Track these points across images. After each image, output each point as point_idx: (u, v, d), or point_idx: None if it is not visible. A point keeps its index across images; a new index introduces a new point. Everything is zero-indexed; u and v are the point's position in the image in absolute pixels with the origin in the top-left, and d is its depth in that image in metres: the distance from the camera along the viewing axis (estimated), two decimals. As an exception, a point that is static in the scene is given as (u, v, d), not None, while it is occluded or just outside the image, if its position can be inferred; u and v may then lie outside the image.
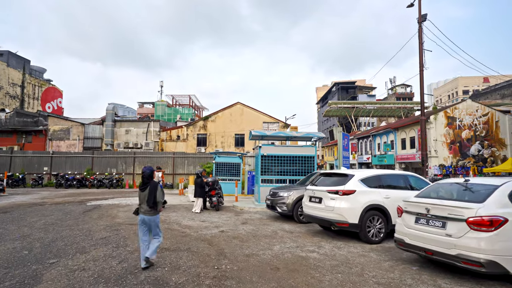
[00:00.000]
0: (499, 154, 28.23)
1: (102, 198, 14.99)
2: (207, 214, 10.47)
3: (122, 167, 23.89)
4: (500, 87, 43.52)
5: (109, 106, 29.42)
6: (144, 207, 4.77)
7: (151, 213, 4.75)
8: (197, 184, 10.72)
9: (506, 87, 42.66)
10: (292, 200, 9.05)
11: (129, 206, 11.93)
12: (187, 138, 30.05)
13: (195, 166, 24.17)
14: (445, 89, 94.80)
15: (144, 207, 4.76)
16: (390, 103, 60.38)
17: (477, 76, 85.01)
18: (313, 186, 7.44)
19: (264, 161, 12.01)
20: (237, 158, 18.20)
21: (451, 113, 28.35)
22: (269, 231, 7.70)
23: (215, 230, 7.66)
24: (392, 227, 6.74)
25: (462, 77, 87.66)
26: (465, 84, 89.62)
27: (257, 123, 30.46)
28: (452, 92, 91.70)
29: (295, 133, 12.39)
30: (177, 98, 56.46)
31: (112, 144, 28.75)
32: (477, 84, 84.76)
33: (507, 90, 41.93)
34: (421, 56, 12.72)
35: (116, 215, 9.78)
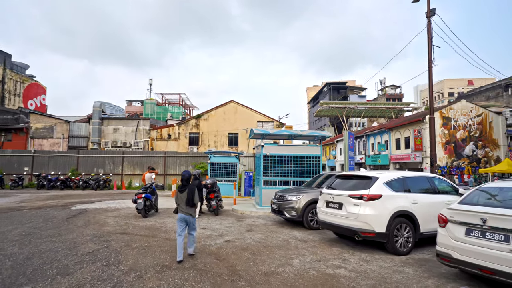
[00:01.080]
0: (492, 155, 28.26)
1: (88, 201, 13.84)
2: (206, 219, 9.56)
3: (110, 167, 22.63)
4: (485, 89, 44.30)
5: (96, 103, 28.00)
6: (183, 206, 5.35)
7: (190, 212, 5.38)
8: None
9: (491, 89, 43.43)
10: (301, 205, 8.25)
11: (118, 211, 10.88)
12: (178, 137, 28.92)
13: (187, 166, 23.13)
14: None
15: (183, 207, 5.35)
16: (381, 103, 60.58)
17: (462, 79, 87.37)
18: (330, 190, 6.65)
19: (267, 162, 11.18)
20: (234, 158, 17.32)
21: (446, 113, 28.22)
22: (280, 240, 6.87)
23: (220, 240, 6.77)
24: (420, 236, 6.03)
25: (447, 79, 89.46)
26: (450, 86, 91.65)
27: (251, 122, 29.60)
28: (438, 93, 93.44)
29: (299, 132, 11.62)
30: (167, 96, 54.96)
31: (99, 143, 27.37)
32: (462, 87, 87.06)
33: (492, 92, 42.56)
34: (430, 52, 12.15)
35: (104, 221, 8.75)
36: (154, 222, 8.76)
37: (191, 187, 5.40)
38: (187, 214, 5.34)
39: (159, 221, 8.95)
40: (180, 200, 5.39)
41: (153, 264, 4.94)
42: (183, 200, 5.34)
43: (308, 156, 11.47)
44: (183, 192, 5.37)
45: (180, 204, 5.39)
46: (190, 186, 5.43)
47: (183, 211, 5.34)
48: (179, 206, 5.42)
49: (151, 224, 8.50)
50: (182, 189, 5.41)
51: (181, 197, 5.37)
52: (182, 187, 5.44)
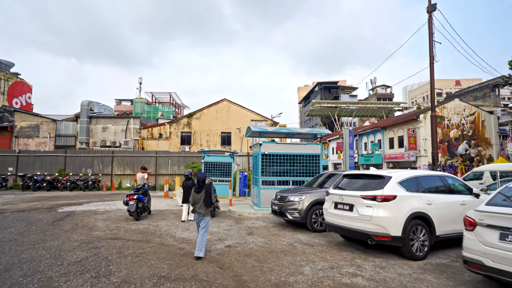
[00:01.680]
0: (485, 154, 28.46)
1: (76, 202, 13.12)
2: (203, 222, 9.03)
3: (99, 167, 21.79)
4: (472, 89, 45.06)
5: (84, 102, 27.02)
6: (198, 206, 5.55)
7: (204, 213, 5.54)
8: (187, 187, 9.17)
9: (478, 89, 44.22)
10: (305, 206, 7.81)
11: (108, 213, 10.24)
12: (170, 136, 28.19)
13: (179, 166, 22.48)
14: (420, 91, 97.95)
15: (198, 206, 5.55)
16: (372, 103, 60.93)
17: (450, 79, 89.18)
18: (339, 190, 6.22)
19: (265, 161, 10.70)
20: (228, 157, 16.79)
21: (440, 112, 28.24)
22: (285, 244, 6.41)
23: (220, 244, 6.27)
24: (436, 239, 5.66)
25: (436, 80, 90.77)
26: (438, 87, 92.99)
27: (244, 120, 29.08)
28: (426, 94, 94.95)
29: (298, 129, 11.20)
30: (157, 95, 53.87)
31: (88, 143, 26.42)
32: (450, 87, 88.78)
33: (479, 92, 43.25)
34: (431, 48, 11.89)
35: (93, 225, 8.13)
36: (147, 225, 8.18)
37: (207, 188, 5.56)
38: (204, 215, 5.56)
39: (153, 224, 8.37)
40: (196, 201, 5.57)
41: (149, 275, 4.41)
42: (200, 201, 5.53)
43: (308, 155, 11.04)
44: (199, 192, 5.56)
45: (196, 205, 5.57)
46: (206, 186, 5.58)
47: (198, 212, 5.55)
48: (195, 206, 5.59)
49: (144, 227, 7.93)
50: (199, 190, 5.59)
51: (198, 198, 5.56)
52: (199, 188, 5.60)
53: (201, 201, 5.50)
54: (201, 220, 5.52)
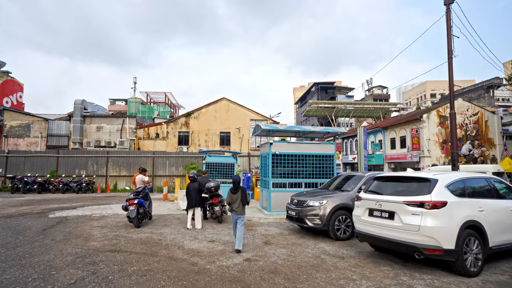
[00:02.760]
0: (488, 154, 28.06)
1: (70, 206, 12.16)
2: (211, 229, 8.18)
3: (93, 169, 20.76)
4: (467, 90, 45.16)
5: (77, 100, 25.92)
6: (236, 205, 6.03)
7: (241, 212, 6.04)
8: (192, 191, 8.31)
9: (473, 90, 44.34)
10: (327, 211, 7.02)
11: (105, 219, 9.33)
12: (167, 136, 27.22)
13: (177, 166, 21.57)
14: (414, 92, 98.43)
15: (236, 206, 6.03)
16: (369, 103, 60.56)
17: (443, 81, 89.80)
18: (374, 195, 5.44)
19: (275, 161, 9.90)
20: (231, 158, 15.95)
21: (443, 112, 27.80)
22: (310, 256, 5.61)
23: (238, 258, 5.44)
24: (490, 251, 4.92)
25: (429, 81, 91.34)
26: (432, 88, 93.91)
27: (244, 120, 28.26)
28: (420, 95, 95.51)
29: (311, 128, 10.44)
30: (152, 95, 52.78)
31: (81, 143, 25.33)
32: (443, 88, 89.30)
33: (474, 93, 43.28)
34: (449, 42, 11.23)
35: (89, 234, 7.24)
36: (150, 234, 7.32)
37: (243, 189, 6.14)
38: (239, 214, 6.04)
39: (156, 232, 7.51)
40: (233, 201, 6.07)
41: (162, 301, 3.58)
42: (237, 201, 6.04)
43: (321, 155, 10.27)
44: (236, 193, 6.09)
45: (233, 204, 6.06)
46: (241, 188, 6.15)
47: (235, 211, 6.04)
48: (232, 205, 6.08)
49: (147, 236, 7.07)
50: (235, 191, 6.11)
51: (235, 198, 6.07)
52: (235, 189, 6.13)
53: (238, 201, 6.01)
54: (238, 218, 6.04)
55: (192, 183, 8.37)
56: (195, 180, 8.42)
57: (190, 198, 8.28)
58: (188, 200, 8.38)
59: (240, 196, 6.05)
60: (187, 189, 8.44)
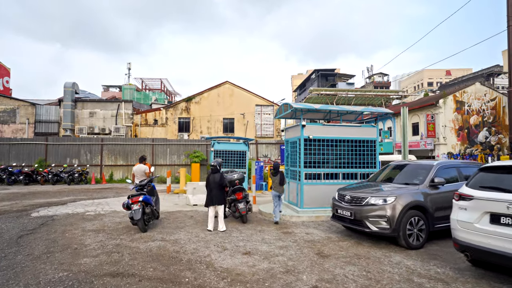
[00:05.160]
0: (505, 142, 26.66)
1: (59, 202, 10.32)
2: (237, 232, 6.44)
3: (86, 157, 18.84)
4: (466, 79, 44.07)
5: (67, 83, 23.67)
6: (276, 186, 7.56)
7: (280, 190, 7.57)
8: (213, 184, 6.56)
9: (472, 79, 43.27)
10: (397, 212, 5.32)
11: (101, 219, 7.53)
12: (166, 123, 25.24)
13: (179, 155, 19.75)
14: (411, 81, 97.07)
15: (276, 186, 7.56)
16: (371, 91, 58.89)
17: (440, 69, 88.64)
18: (499, 193, 3.73)
19: (308, 148, 8.13)
20: (242, 145, 14.17)
21: (460, 97, 26.20)
22: (398, 278, 3.92)
23: (298, 283, 3.72)
24: None
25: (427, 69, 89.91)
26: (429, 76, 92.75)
27: (249, 106, 26.34)
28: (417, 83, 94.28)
29: (352, 108, 8.69)
30: (147, 82, 50.32)
31: (73, 129, 23.27)
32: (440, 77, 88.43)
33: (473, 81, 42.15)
34: (509, 8, 9.44)
35: (80, 243, 5.44)
36: (162, 242, 5.55)
37: (281, 172, 7.64)
38: (279, 192, 7.52)
39: (169, 239, 5.74)
40: (274, 182, 7.55)
41: None
42: (276, 182, 7.54)
43: (362, 140, 8.53)
44: (275, 175, 7.58)
45: (274, 183, 7.55)
46: (280, 171, 7.64)
47: (276, 190, 7.52)
48: (273, 184, 7.57)
49: (159, 246, 5.30)
50: (275, 173, 7.58)
51: (275, 179, 7.57)
52: (275, 172, 7.58)
53: (277, 181, 7.52)
54: (278, 195, 7.49)
55: (213, 174, 6.59)
56: (217, 171, 6.64)
57: (210, 193, 6.52)
58: (207, 195, 6.62)
59: (279, 178, 7.53)
60: (206, 182, 6.66)
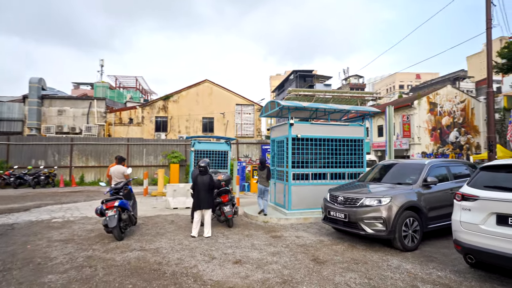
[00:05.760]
0: (473, 141, 28.04)
1: (21, 207, 9.33)
2: (222, 236, 5.98)
3: (54, 158, 17.52)
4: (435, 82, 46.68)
5: (33, 78, 22.01)
6: (262, 180, 7.98)
7: (266, 184, 7.97)
8: (202, 186, 6.07)
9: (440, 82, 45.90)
10: (393, 213, 5.10)
11: (70, 226, 6.79)
12: (142, 122, 24.16)
13: (156, 155, 18.89)
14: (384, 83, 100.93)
15: (262, 180, 7.98)
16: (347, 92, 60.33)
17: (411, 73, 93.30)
18: (505, 193, 3.56)
19: (296, 147, 7.82)
20: (224, 145, 13.68)
21: (433, 99, 27.26)
22: (400, 284, 3.67)
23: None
24: None
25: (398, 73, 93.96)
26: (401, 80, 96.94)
27: (229, 105, 25.82)
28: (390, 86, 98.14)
29: (340, 106, 8.49)
30: (121, 79, 48.27)
31: (39, 128, 21.66)
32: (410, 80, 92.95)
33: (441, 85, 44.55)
34: (488, 10, 9.66)
35: (45, 256, 4.75)
36: (141, 251, 4.99)
37: (267, 167, 8.06)
38: (265, 186, 7.98)
39: (149, 248, 5.18)
40: (260, 176, 8.04)
41: None
42: (263, 176, 7.99)
43: (349, 140, 8.36)
44: (263, 170, 8.01)
45: (261, 178, 8.03)
46: (266, 166, 8.07)
47: (263, 184, 7.99)
48: (259, 179, 8.06)
49: (138, 256, 4.74)
50: (262, 168, 8.02)
51: (261, 174, 8.03)
52: (262, 167, 8.02)
53: (265, 175, 7.94)
54: (265, 189, 7.94)
55: (201, 176, 6.08)
56: (206, 172, 6.14)
57: (198, 196, 6.02)
58: (195, 198, 6.11)
59: (266, 173, 7.93)
60: (194, 184, 6.15)
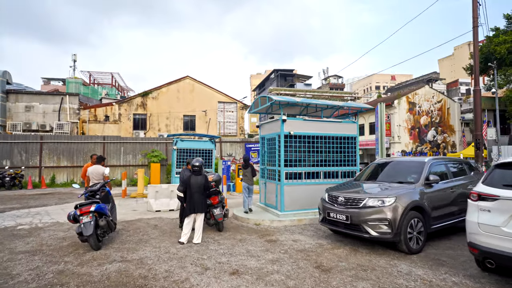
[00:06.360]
0: (449, 140, 28.99)
1: (-19, 212, 8.32)
2: (214, 243, 5.45)
3: (22, 158, 16.16)
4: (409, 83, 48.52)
5: (-3, 71, 20.30)
6: (246, 178, 8.01)
7: (250, 182, 8.02)
8: (196, 187, 5.48)
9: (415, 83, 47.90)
10: (398, 214, 4.78)
11: (38, 234, 6.00)
12: (119, 119, 22.94)
13: (135, 154, 17.94)
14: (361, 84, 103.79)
15: (246, 178, 8.01)
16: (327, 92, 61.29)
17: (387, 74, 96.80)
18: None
19: (289, 145, 7.41)
20: (208, 143, 13.07)
21: (412, 98, 27.91)
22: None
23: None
24: None
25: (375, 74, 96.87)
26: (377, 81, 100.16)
27: (211, 102, 25.11)
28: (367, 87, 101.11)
29: (334, 102, 8.15)
30: (96, 75, 46.03)
31: (4, 126, 20.01)
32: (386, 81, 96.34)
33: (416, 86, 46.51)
34: (475, 9, 9.71)
35: (6, 271, 4.01)
36: (122, 263, 4.36)
37: (251, 166, 8.03)
38: (250, 184, 8.01)
39: (132, 258, 4.56)
40: (244, 174, 8.06)
41: None
42: (247, 174, 7.99)
43: (343, 137, 8.06)
44: (246, 168, 8.04)
45: (244, 176, 8.05)
46: (250, 165, 8.02)
47: (247, 182, 8.01)
48: (244, 177, 8.07)
49: (119, 268, 4.13)
50: (246, 166, 8.05)
51: (246, 172, 8.04)
52: (246, 166, 8.05)
53: (249, 173, 7.95)
54: (249, 187, 7.98)
55: (195, 176, 5.51)
56: (200, 173, 5.56)
57: (191, 199, 5.43)
58: (188, 201, 5.50)
59: (250, 170, 7.94)
60: (186, 185, 5.55)
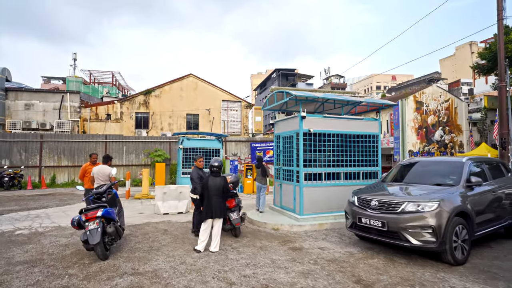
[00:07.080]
0: (456, 140, 28.46)
1: (-22, 215, 7.78)
2: (233, 251, 4.91)
3: (21, 157, 15.63)
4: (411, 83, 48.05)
5: (-4, 68, 19.76)
6: (259, 177, 8.25)
7: (263, 182, 8.21)
8: (214, 190, 4.96)
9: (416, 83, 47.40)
10: (443, 220, 4.24)
11: (38, 241, 5.47)
12: (121, 118, 22.39)
13: (138, 154, 17.42)
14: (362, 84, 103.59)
15: (259, 178, 8.24)
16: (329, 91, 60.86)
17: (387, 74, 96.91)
18: None
19: (308, 143, 6.88)
20: (215, 142, 12.53)
21: (419, 98, 27.35)
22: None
23: None
24: None
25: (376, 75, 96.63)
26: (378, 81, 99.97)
27: (215, 101, 24.56)
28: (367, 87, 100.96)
29: (356, 98, 7.67)
30: (96, 74, 45.53)
31: (3, 124, 19.47)
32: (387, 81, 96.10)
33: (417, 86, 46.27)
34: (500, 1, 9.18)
35: (1, 285, 3.53)
36: (134, 276, 3.83)
37: (263, 165, 8.31)
38: (261, 183, 8.19)
39: (144, 270, 4.04)
40: (258, 174, 8.29)
41: None
42: (259, 174, 8.26)
43: (364, 135, 7.53)
44: (259, 168, 8.33)
45: (257, 176, 8.28)
46: (262, 164, 8.32)
47: (259, 181, 8.21)
48: (257, 177, 8.33)
49: (131, 283, 3.59)
50: (258, 166, 8.34)
51: (258, 172, 8.30)
52: (258, 165, 8.34)
53: (260, 173, 8.24)
54: (262, 187, 8.12)
55: (214, 178, 4.98)
56: (219, 174, 5.03)
57: (209, 202, 4.91)
58: (205, 205, 4.95)
59: (261, 170, 8.19)
60: (203, 188, 5.00)
